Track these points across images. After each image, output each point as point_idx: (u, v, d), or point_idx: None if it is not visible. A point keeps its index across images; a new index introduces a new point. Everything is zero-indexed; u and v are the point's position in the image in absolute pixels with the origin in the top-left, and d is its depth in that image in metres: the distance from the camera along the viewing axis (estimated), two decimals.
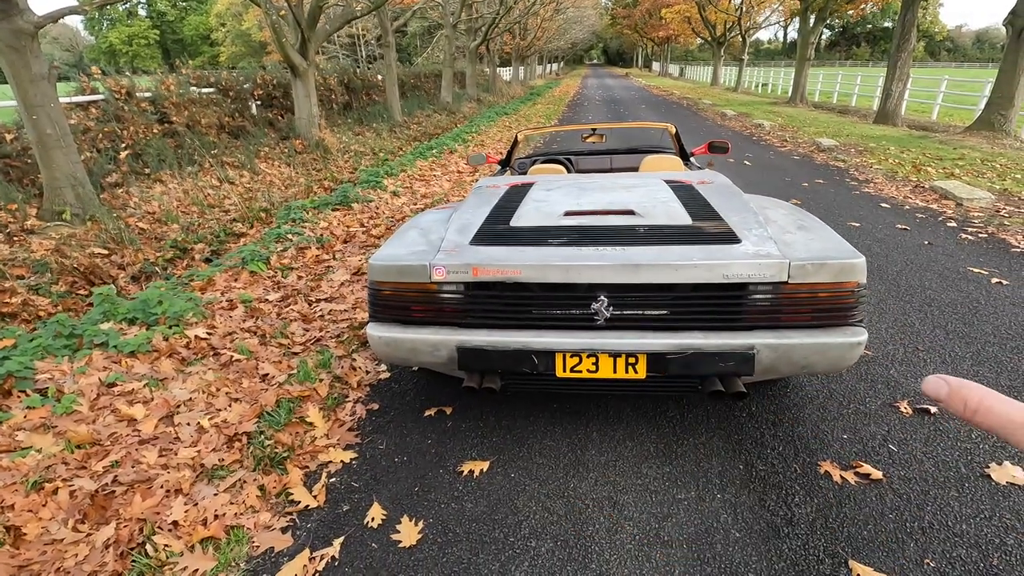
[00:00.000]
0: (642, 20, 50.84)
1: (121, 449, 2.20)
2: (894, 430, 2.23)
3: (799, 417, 2.33)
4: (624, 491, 1.96)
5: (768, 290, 1.84)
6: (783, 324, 1.87)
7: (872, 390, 2.51)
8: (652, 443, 2.20)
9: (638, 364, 1.90)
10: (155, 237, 5.56)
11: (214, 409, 2.47)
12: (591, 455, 2.15)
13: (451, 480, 2.07)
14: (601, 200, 2.44)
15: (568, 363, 1.93)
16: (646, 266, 1.83)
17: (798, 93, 18.45)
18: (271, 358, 2.92)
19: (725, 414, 2.36)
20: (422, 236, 2.28)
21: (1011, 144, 9.39)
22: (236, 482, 2.08)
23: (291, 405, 2.50)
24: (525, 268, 1.90)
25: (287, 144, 9.61)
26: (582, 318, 1.93)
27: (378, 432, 2.38)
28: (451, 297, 2.00)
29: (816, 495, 1.90)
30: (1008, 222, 5.24)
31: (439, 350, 2.00)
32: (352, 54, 35.24)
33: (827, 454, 2.11)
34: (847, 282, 1.82)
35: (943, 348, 2.88)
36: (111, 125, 7.49)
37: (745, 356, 1.82)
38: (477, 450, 2.22)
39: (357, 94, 14.73)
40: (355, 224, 5.35)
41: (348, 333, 3.21)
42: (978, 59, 72.03)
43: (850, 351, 1.83)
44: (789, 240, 1.98)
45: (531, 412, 2.43)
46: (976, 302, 3.44)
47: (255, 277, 4.09)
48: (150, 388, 2.58)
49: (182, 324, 3.14)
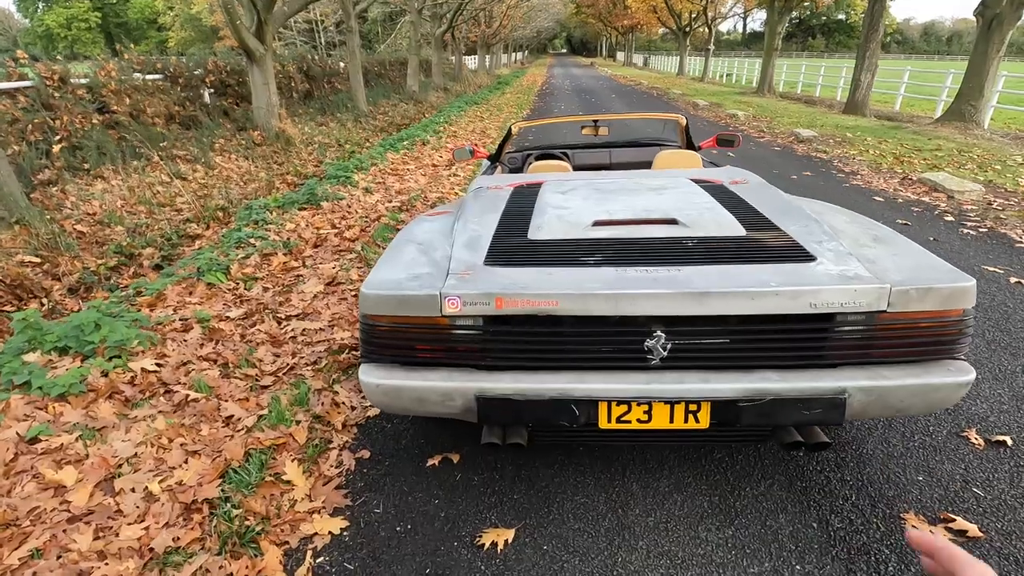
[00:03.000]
0: (607, 9, 50.62)
1: (44, 531, 1.73)
2: (972, 468, 1.96)
3: (863, 455, 2.03)
4: (685, 566, 1.61)
5: (861, 320, 1.51)
6: (875, 360, 1.55)
7: (932, 417, 2.24)
8: (704, 496, 1.86)
9: (700, 412, 1.55)
10: (96, 241, 4.92)
11: (166, 467, 2.01)
12: (635, 515, 1.79)
13: (470, 557, 1.68)
14: (633, 206, 2.07)
15: (615, 412, 1.57)
16: (715, 294, 1.47)
17: (765, 83, 18.50)
18: (236, 394, 2.46)
19: (780, 454, 2.04)
20: (423, 253, 1.87)
21: (982, 135, 9.49)
22: (196, 571, 1.64)
23: (263, 458, 2.06)
24: (562, 298, 1.51)
25: (244, 135, 8.91)
26: (632, 358, 1.57)
27: (372, 490, 1.97)
28: (467, 334, 1.60)
29: (912, 562, 1.59)
30: (1004, 215, 5.14)
31: (453, 400, 1.60)
32: (310, 40, 33.86)
33: (907, 502, 1.81)
34: (953, 310, 1.51)
35: (991, 362, 2.64)
36: (41, 115, 6.70)
37: (835, 402, 1.49)
38: (497, 512, 1.84)
39: (318, 82, 13.95)
40: (326, 225, 4.84)
41: (327, 358, 2.77)
42: (925, 51, 74.83)
43: (956, 392, 1.52)
44: (872, 256, 1.66)
45: (555, 460, 2.06)
46: (1005, 306, 3.23)
47: (213, 290, 3.57)
48: (84, 441, 2.09)
49: (125, 354, 2.64)
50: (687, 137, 3.68)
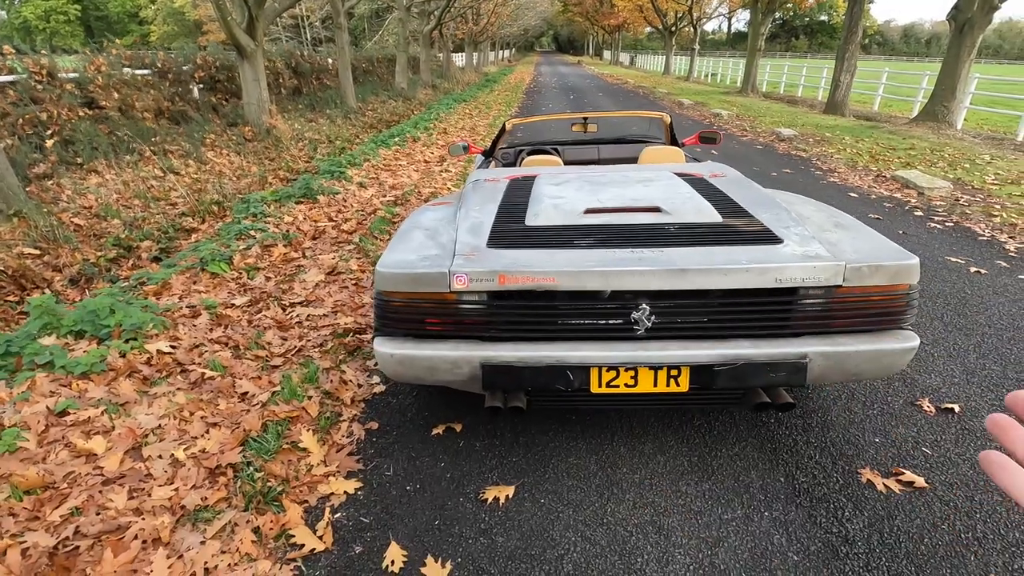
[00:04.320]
0: (594, 7, 50.91)
1: (81, 492, 1.88)
2: (923, 431, 2.18)
3: (827, 421, 2.25)
4: (667, 513, 1.81)
5: (820, 294, 1.71)
6: (834, 330, 1.76)
7: (891, 388, 2.47)
8: (684, 456, 2.06)
9: (681, 377, 1.75)
10: (94, 234, 5.01)
11: (189, 437, 2.16)
12: (623, 473, 1.99)
13: (475, 510, 1.86)
14: (622, 195, 2.26)
15: (604, 378, 1.76)
16: (693, 270, 1.67)
17: (749, 83, 18.87)
18: (248, 373, 2.61)
19: (753, 420, 2.25)
20: (430, 238, 2.04)
21: (954, 134, 9.86)
22: (226, 525, 1.80)
23: (279, 428, 2.22)
24: (559, 275, 1.70)
25: (235, 131, 8.97)
26: (620, 328, 1.76)
27: (382, 456, 2.14)
28: (472, 308, 1.78)
29: (865, 508, 1.81)
30: (969, 210, 5.44)
31: (460, 368, 1.78)
32: (297, 36, 33.65)
33: (864, 460, 2.03)
34: (900, 284, 1.72)
35: (946, 341, 2.88)
36: (31, 109, 6.73)
37: (797, 366, 1.69)
38: (498, 473, 2.02)
39: (306, 78, 13.97)
40: (323, 218, 4.98)
41: (332, 342, 2.93)
42: (905, 53, 76.24)
43: (902, 357, 1.74)
44: (833, 240, 1.87)
45: (550, 427, 2.25)
46: (963, 292, 3.49)
47: (217, 279, 3.71)
48: (110, 415, 2.24)
49: (140, 337, 2.77)
50: (671, 134, 3.88)
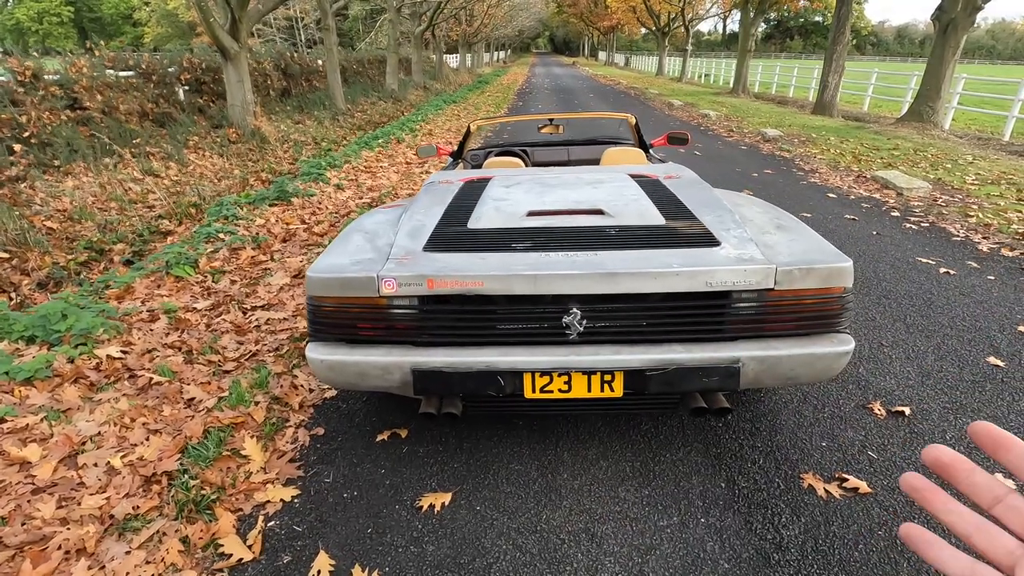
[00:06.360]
0: (588, 9, 50.97)
1: (9, 502, 1.85)
2: (871, 435, 2.16)
3: (776, 424, 2.23)
4: (602, 520, 1.79)
5: (753, 298, 1.69)
6: (767, 334, 1.73)
7: (844, 391, 2.45)
8: (628, 462, 2.03)
9: (615, 382, 1.72)
10: (67, 237, 4.97)
11: (128, 444, 2.13)
12: (563, 479, 1.96)
13: (409, 517, 1.83)
14: (567, 198, 2.24)
15: (538, 383, 1.73)
16: (623, 274, 1.64)
17: (740, 84, 18.88)
18: (198, 379, 2.58)
19: (701, 425, 2.22)
20: (368, 241, 2.02)
21: (938, 134, 9.87)
22: (154, 535, 1.77)
23: (221, 435, 2.19)
24: (487, 279, 1.68)
25: (220, 133, 8.93)
26: (552, 333, 1.73)
27: (324, 462, 2.11)
28: (403, 312, 1.75)
29: (803, 514, 1.79)
30: (946, 211, 5.43)
31: (391, 373, 1.75)
32: (291, 38, 33.63)
33: (808, 465, 2.01)
34: (834, 287, 1.70)
35: (906, 343, 2.86)
36: (9, 111, 6.69)
37: (730, 370, 1.67)
38: (437, 479, 1.99)
39: (295, 80, 13.94)
40: (295, 221, 4.95)
41: (288, 346, 2.90)
42: (899, 53, 76.50)
43: (837, 360, 1.72)
44: (770, 242, 1.85)
45: (495, 432, 2.22)
46: (929, 293, 3.48)
47: (181, 283, 3.68)
48: (49, 422, 2.21)
49: (91, 342, 2.74)
50: (638, 134, 3.87)
